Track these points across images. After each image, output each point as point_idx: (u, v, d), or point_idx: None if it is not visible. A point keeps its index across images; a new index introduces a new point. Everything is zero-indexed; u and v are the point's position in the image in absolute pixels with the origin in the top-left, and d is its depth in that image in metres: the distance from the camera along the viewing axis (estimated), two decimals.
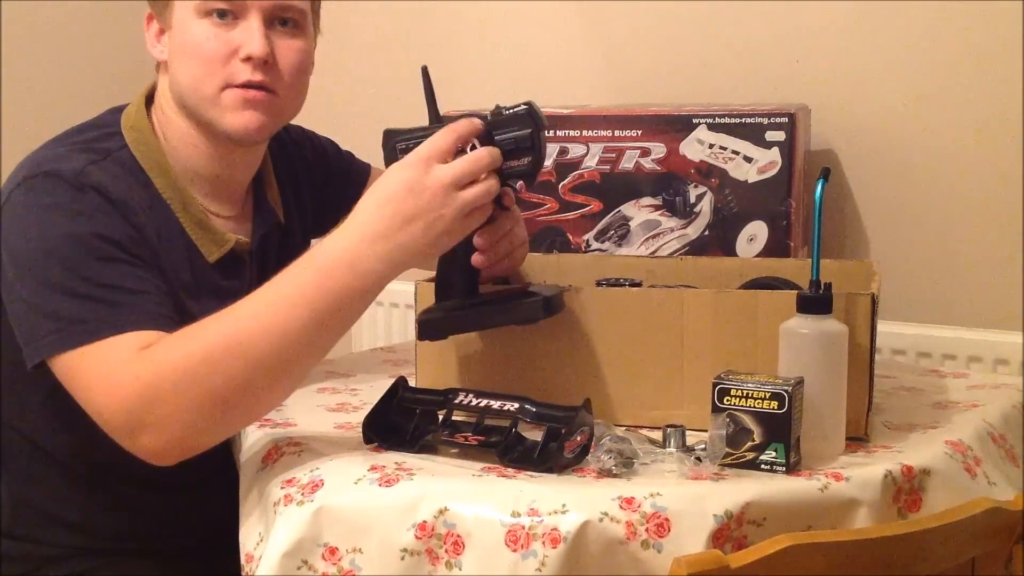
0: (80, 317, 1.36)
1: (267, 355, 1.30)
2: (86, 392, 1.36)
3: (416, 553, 1.22)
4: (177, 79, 1.52)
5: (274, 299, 1.31)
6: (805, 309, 1.34)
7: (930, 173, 2.00)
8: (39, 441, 1.55)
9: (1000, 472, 1.40)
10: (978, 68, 1.95)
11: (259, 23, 1.49)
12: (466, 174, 1.31)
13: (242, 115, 1.49)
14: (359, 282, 1.30)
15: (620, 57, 2.24)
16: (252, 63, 1.48)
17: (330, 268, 1.30)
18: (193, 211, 1.52)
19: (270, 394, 1.33)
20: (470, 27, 2.41)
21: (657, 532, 1.19)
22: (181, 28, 1.50)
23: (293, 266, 1.33)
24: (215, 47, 1.48)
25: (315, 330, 1.31)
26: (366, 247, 1.30)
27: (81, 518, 1.57)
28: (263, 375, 1.30)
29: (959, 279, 1.99)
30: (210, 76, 1.48)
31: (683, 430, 1.36)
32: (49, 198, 1.41)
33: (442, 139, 1.33)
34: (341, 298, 1.30)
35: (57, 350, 1.37)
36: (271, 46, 1.49)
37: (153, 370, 1.31)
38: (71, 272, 1.38)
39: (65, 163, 1.44)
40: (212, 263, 1.54)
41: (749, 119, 1.88)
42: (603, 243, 1.98)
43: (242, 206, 1.61)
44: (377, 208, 1.31)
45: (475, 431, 1.38)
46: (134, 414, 1.31)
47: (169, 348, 1.32)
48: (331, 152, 1.80)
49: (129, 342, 1.34)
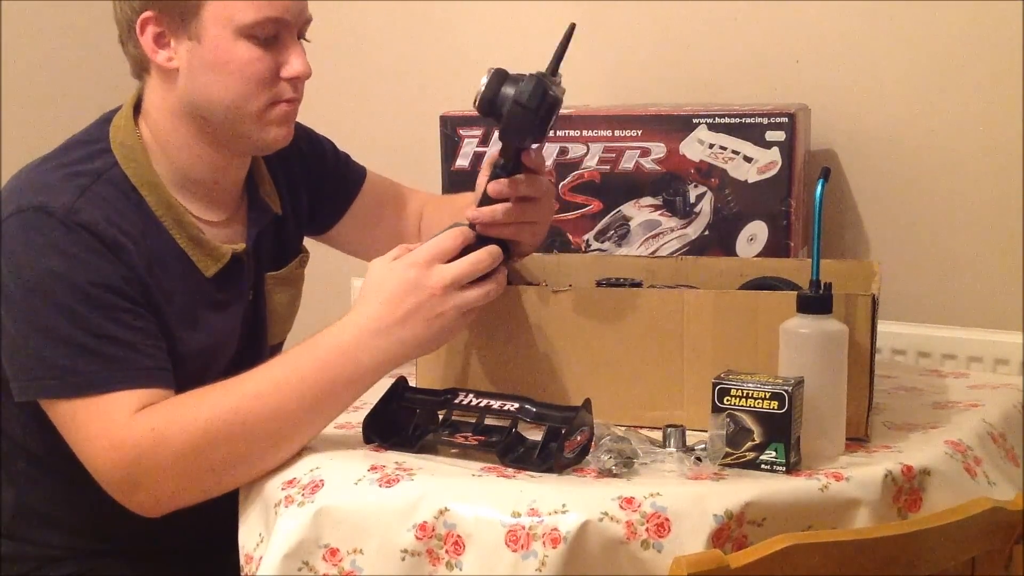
0: (74, 368, 1.39)
1: (266, 432, 1.36)
2: (82, 445, 1.41)
3: (416, 553, 1.23)
4: (206, 93, 1.49)
5: (275, 381, 1.38)
6: (805, 309, 1.34)
7: (930, 173, 2.00)
8: (36, 446, 1.55)
9: (1000, 472, 1.40)
10: (978, 68, 1.94)
11: (295, 41, 1.51)
12: (466, 275, 1.39)
13: (283, 130, 1.53)
14: (357, 373, 1.38)
15: (620, 57, 2.24)
16: (295, 81, 1.50)
17: (329, 359, 1.38)
18: (187, 227, 1.51)
19: (263, 465, 1.38)
20: (469, 27, 2.40)
21: (657, 532, 1.19)
22: (218, 45, 1.47)
23: (296, 351, 1.40)
24: (262, 68, 1.48)
25: (311, 413, 1.38)
26: (366, 340, 1.38)
27: (80, 519, 1.57)
28: (260, 450, 1.37)
29: (959, 279, 1.99)
30: (256, 96, 1.49)
31: (683, 430, 1.36)
32: (41, 237, 1.41)
33: (447, 242, 1.40)
34: (336, 386, 1.38)
35: (48, 396, 1.42)
36: None
37: (152, 436, 1.36)
38: (65, 319, 1.39)
39: (56, 197, 1.43)
40: (209, 277, 1.54)
41: (749, 119, 1.88)
42: (603, 243, 1.98)
43: (235, 207, 1.61)
44: (379, 305, 1.38)
45: (475, 431, 1.38)
46: (131, 476, 1.38)
47: (172, 415, 1.38)
48: (328, 149, 1.80)
49: (125, 401, 1.38)
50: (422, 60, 2.45)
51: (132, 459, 1.37)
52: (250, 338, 1.62)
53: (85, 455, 1.40)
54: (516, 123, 1.42)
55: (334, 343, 1.38)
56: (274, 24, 1.47)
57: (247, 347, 1.60)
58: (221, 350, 1.56)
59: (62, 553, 1.57)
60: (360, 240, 1.82)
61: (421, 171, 2.12)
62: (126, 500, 1.40)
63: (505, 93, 1.42)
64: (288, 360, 1.40)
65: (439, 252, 1.39)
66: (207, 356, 1.53)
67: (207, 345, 1.53)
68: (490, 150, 1.95)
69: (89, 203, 1.44)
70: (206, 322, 1.52)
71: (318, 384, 1.37)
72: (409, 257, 1.39)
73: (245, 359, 1.53)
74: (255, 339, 1.63)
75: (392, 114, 2.49)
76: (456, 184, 2.01)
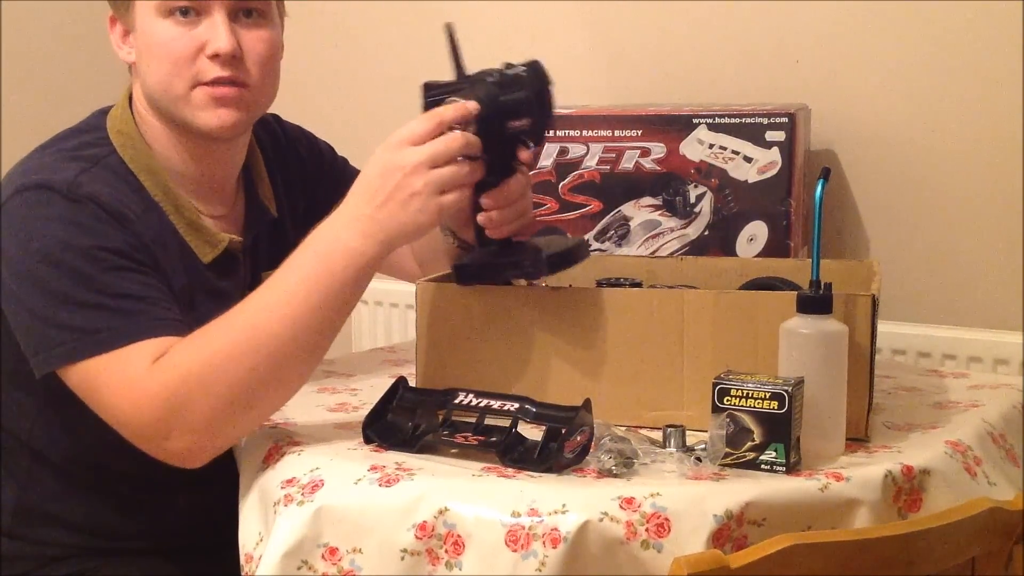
0: (93, 327, 1.38)
1: (285, 343, 1.35)
2: (107, 402, 1.38)
3: (416, 553, 1.23)
4: (146, 80, 1.51)
5: (282, 290, 1.37)
6: (805, 309, 1.34)
7: (930, 173, 2.00)
8: (38, 444, 1.55)
9: (1000, 472, 1.40)
10: (978, 68, 1.95)
11: (223, 18, 1.48)
12: (438, 155, 1.36)
13: (215, 113, 1.50)
14: (355, 261, 1.37)
15: (620, 57, 2.24)
16: (220, 60, 1.48)
17: (328, 252, 1.37)
18: (185, 213, 1.52)
19: (291, 381, 1.38)
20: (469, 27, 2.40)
21: (657, 532, 1.19)
22: (145, 29, 1.49)
23: (293, 257, 1.39)
24: (180, 46, 1.47)
25: (325, 313, 1.37)
26: (354, 228, 1.37)
27: (81, 518, 1.57)
28: (284, 363, 1.36)
29: (959, 279, 1.99)
30: (178, 76, 1.48)
31: (683, 430, 1.36)
32: (45, 209, 1.41)
33: (421, 124, 1.38)
34: (344, 279, 1.37)
35: (70, 360, 1.39)
36: (237, 40, 1.49)
37: (177, 374, 1.34)
38: (78, 283, 1.39)
39: (57, 174, 1.44)
40: (207, 264, 1.54)
41: (749, 119, 1.88)
42: (603, 243, 1.98)
43: (232, 204, 1.61)
44: (358, 191, 1.38)
45: (475, 431, 1.38)
46: (163, 420, 1.35)
47: (190, 350, 1.36)
48: (326, 153, 1.80)
49: (145, 350, 1.37)
50: (422, 60, 2.45)
51: (160, 405, 1.34)
52: None
53: (111, 413, 1.38)
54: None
55: (328, 238, 1.38)
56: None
57: None
58: None
59: (63, 552, 1.57)
60: None
61: None
62: (160, 451, 1.37)
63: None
64: (290, 267, 1.39)
65: (411, 135, 1.37)
66: None
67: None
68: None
69: (91, 179, 1.44)
70: (202, 308, 1.52)
71: (323, 281, 1.36)
72: (386, 141, 1.38)
73: None
74: None
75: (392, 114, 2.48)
76: None
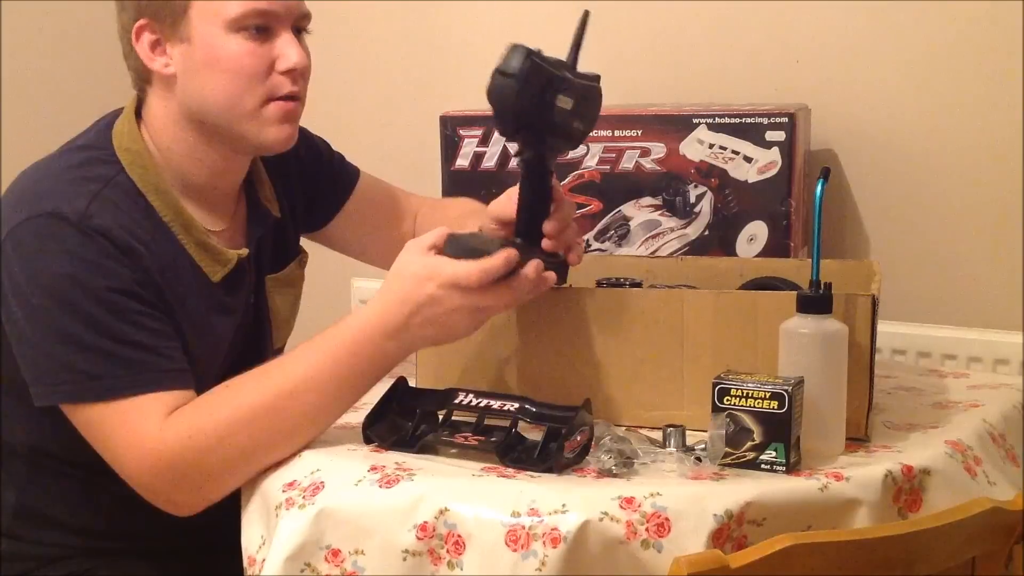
0: (95, 373, 1.39)
1: (301, 415, 1.38)
2: (113, 452, 1.41)
3: (418, 554, 1.23)
4: (202, 94, 1.49)
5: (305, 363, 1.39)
6: (805, 309, 1.34)
7: (930, 173, 2.00)
8: (37, 445, 1.55)
9: (1000, 472, 1.40)
10: (978, 68, 1.95)
11: (291, 34, 1.49)
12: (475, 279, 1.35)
13: (282, 128, 1.50)
14: (384, 363, 1.40)
15: (620, 57, 2.24)
16: (292, 75, 1.48)
17: (357, 344, 1.38)
18: (194, 232, 1.51)
19: (299, 443, 1.39)
20: (469, 27, 2.40)
21: (657, 532, 1.19)
22: (209, 43, 1.47)
23: (323, 337, 1.40)
24: (254, 63, 1.47)
25: (342, 394, 1.39)
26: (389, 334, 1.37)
27: (80, 519, 1.57)
28: (296, 428, 1.38)
29: (959, 279, 1.99)
30: (250, 92, 1.47)
31: (683, 430, 1.36)
32: (56, 244, 1.41)
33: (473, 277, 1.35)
34: (370, 374, 1.40)
35: (71, 401, 1.42)
36: None
37: (188, 442, 1.37)
38: (86, 325, 1.39)
39: (69, 202, 1.43)
40: (216, 282, 1.54)
41: (749, 119, 1.88)
42: (603, 243, 1.98)
43: (234, 212, 1.61)
44: (400, 305, 1.37)
45: (475, 431, 1.38)
46: (170, 480, 1.39)
47: (202, 413, 1.39)
48: (323, 150, 1.80)
49: (154, 406, 1.39)
50: (422, 60, 2.45)
51: (168, 465, 1.37)
52: (251, 342, 1.62)
53: (118, 462, 1.41)
54: (499, 96, 1.37)
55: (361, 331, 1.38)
56: (262, 16, 1.46)
57: (248, 350, 1.60)
58: (219, 355, 1.56)
59: (62, 552, 1.57)
60: (353, 240, 1.82)
61: (421, 171, 2.12)
62: (162, 503, 1.41)
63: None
64: (318, 345, 1.40)
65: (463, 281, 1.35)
66: (207, 360, 1.53)
67: (212, 349, 1.53)
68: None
69: (101, 208, 1.44)
70: (214, 327, 1.53)
71: (346, 365, 1.38)
72: (432, 271, 1.36)
73: (246, 363, 1.52)
74: (256, 342, 1.63)
75: (392, 114, 2.49)
76: (456, 184, 2.01)
